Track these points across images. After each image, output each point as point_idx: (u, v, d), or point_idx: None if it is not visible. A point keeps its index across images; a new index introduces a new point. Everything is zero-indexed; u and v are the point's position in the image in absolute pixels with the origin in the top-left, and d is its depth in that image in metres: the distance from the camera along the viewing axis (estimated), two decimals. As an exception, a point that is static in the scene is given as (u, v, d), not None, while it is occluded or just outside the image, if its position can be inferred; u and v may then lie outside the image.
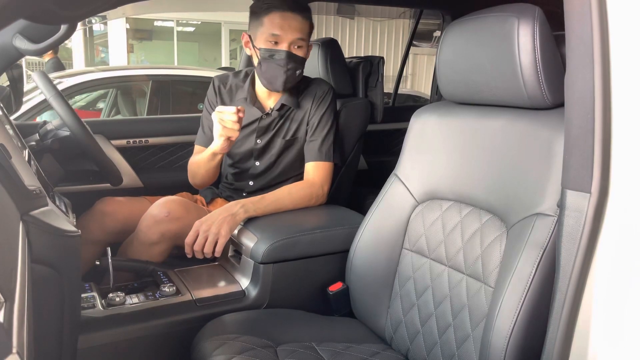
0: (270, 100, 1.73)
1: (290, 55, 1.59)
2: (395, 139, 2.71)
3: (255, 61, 1.64)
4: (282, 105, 1.70)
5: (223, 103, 1.74)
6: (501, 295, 0.95)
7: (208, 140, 1.67)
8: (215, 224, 1.43)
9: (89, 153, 1.63)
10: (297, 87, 1.72)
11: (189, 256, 1.44)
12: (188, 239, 1.43)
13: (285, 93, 1.70)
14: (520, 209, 1.00)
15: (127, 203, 1.69)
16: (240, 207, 1.48)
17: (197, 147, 1.77)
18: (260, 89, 1.72)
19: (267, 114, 1.71)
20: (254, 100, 1.72)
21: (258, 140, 1.72)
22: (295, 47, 1.60)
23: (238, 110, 1.44)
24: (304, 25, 1.61)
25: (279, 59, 1.59)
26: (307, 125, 1.71)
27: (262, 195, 1.56)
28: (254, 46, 1.63)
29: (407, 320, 1.22)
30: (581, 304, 0.81)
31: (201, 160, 1.64)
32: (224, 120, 1.45)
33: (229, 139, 1.49)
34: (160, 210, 1.50)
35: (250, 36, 1.65)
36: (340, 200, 1.92)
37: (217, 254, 1.44)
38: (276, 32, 1.57)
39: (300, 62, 1.63)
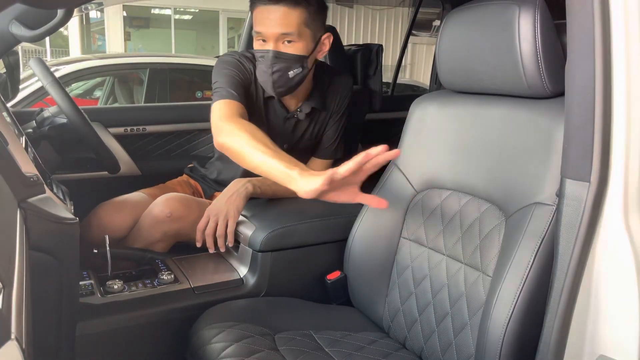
0: (293, 100, 1.58)
1: (276, 55, 1.39)
2: (394, 128, 2.69)
3: None
4: (313, 109, 1.57)
5: (255, 86, 1.53)
6: (499, 284, 0.96)
7: (242, 96, 1.43)
8: (222, 205, 1.42)
9: (86, 141, 1.62)
10: (322, 83, 1.60)
11: (199, 244, 1.43)
12: (200, 225, 1.41)
13: (315, 94, 1.57)
14: (519, 198, 1.00)
15: (129, 206, 1.57)
16: (244, 183, 1.45)
17: (227, 105, 1.39)
18: None
19: (293, 116, 1.58)
20: (278, 98, 1.55)
21: (285, 146, 1.58)
22: (285, 43, 1.39)
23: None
24: (292, 17, 1.36)
25: (266, 60, 1.40)
26: (328, 121, 1.63)
27: (263, 178, 1.50)
28: None
29: (404, 308, 1.23)
30: (579, 293, 0.81)
31: (265, 167, 1.20)
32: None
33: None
34: (162, 209, 1.47)
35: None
36: (338, 189, 1.92)
37: (230, 235, 1.40)
38: (258, 30, 1.39)
39: (294, 60, 1.41)
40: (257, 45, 1.43)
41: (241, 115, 1.39)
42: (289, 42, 1.39)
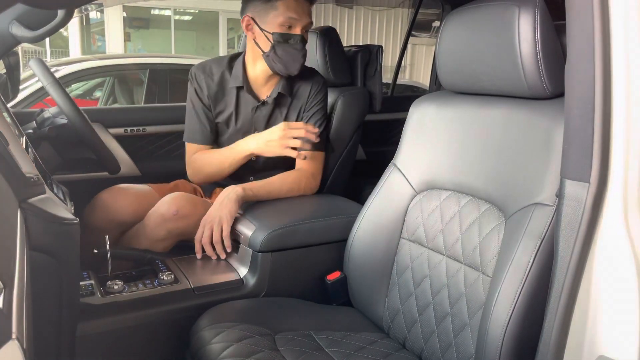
0: (265, 87, 1.71)
1: (304, 40, 1.62)
2: (393, 129, 2.70)
3: (265, 45, 1.61)
4: (280, 94, 1.68)
5: (215, 96, 1.69)
6: (499, 284, 0.96)
7: (208, 137, 1.70)
8: (215, 213, 1.44)
9: (86, 141, 1.62)
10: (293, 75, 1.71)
11: (199, 256, 1.46)
12: (197, 236, 1.45)
13: (282, 81, 1.68)
14: (519, 199, 1.00)
15: (133, 193, 1.62)
16: (234, 188, 1.49)
17: (195, 147, 1.71)
18: (255, 76, 1.69)
19: (264, 103, 1.69)
20: (249, 88, 1.69)
21: (254, 131, 1.69)
22: (305, 31, 1.63)
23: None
24: (311, 11, 1.65)
25: (295, 43, 1.60)
26: (303, 114, 1.72)
27: (254, 181, 1.58)
28: (261, 29, 1.60)
29: (404, 309, 1.23)
30: (578, 293, 0.81)
31: (227, 160, 1.63)
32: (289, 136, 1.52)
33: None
34: (168, 208, 1.49)
35: (253, 19, 1.61)
36: (338, 190, 1.92)
37: (226, 240, 1.43)
38: (293, 16, 1.58)
39: (305, 45, 1.66)
40: (282, 29, 1.59)
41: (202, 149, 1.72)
42: (307, 31, 1.65)
